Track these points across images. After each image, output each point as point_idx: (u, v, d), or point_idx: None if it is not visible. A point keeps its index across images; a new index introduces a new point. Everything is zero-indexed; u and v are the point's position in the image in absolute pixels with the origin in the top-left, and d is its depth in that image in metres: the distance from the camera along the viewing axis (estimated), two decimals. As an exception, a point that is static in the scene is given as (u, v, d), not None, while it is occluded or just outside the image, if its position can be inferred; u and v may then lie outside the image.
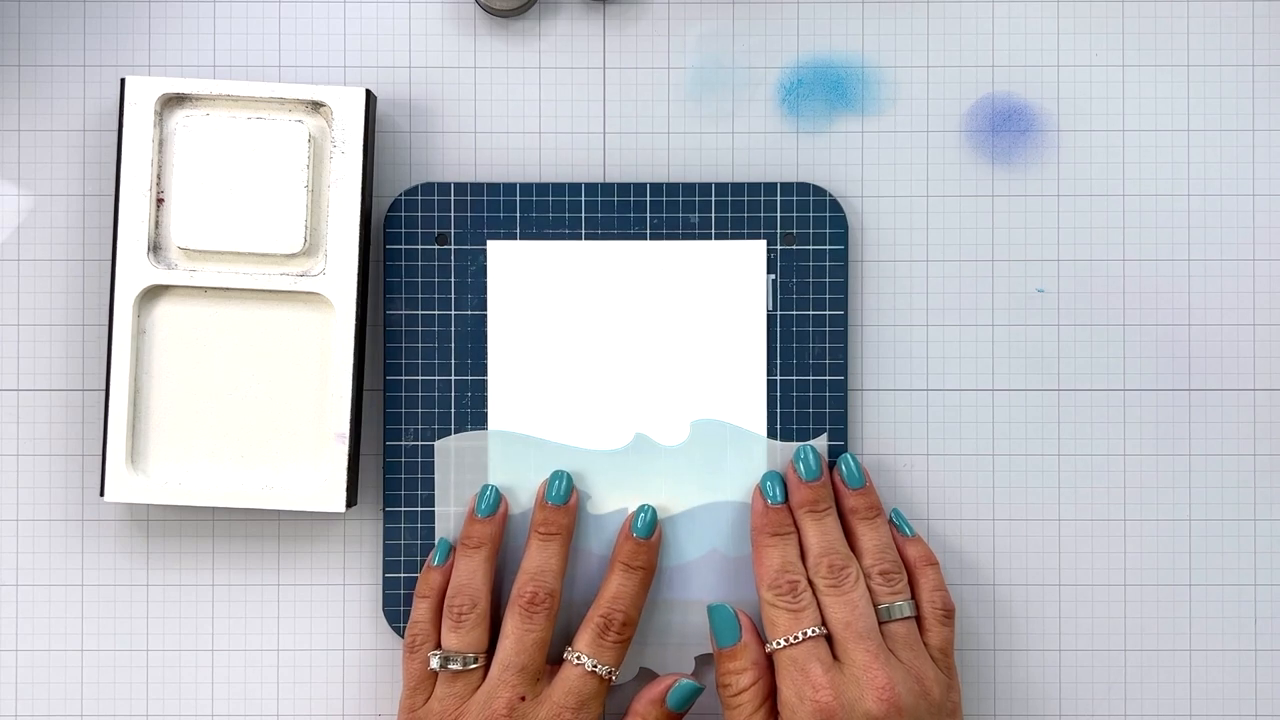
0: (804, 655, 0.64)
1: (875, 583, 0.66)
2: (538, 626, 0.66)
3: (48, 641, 0.70)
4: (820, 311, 0.69)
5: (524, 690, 0.65)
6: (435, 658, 0.66)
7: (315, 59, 0.70)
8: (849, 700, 0.63)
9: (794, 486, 0.68)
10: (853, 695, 0.64)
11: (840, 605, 0.65)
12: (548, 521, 0.67)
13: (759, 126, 0.70)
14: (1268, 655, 0.70)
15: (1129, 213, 0.71)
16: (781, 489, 0.68)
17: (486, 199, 0.69)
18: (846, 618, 0.65)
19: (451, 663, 0.66)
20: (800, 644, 0.65)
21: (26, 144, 0.70)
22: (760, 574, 0.67)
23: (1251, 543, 0.70)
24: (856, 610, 0.65)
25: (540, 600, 0.66)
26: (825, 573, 0.66)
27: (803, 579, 0.66)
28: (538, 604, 0.66)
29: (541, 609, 0.66)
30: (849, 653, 0.64)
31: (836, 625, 0.65)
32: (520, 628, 0.66)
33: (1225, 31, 0.70)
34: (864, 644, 0.64)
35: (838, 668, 0.64)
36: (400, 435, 0.69)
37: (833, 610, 0.65)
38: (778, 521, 0.67)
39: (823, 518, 0.67)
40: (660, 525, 0.68)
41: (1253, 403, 0.71)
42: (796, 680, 0.64)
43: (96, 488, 0.70)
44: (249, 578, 0.70)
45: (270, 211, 0.67)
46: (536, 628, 0.66)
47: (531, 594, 0.66)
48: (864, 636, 0.65)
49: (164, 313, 0.68)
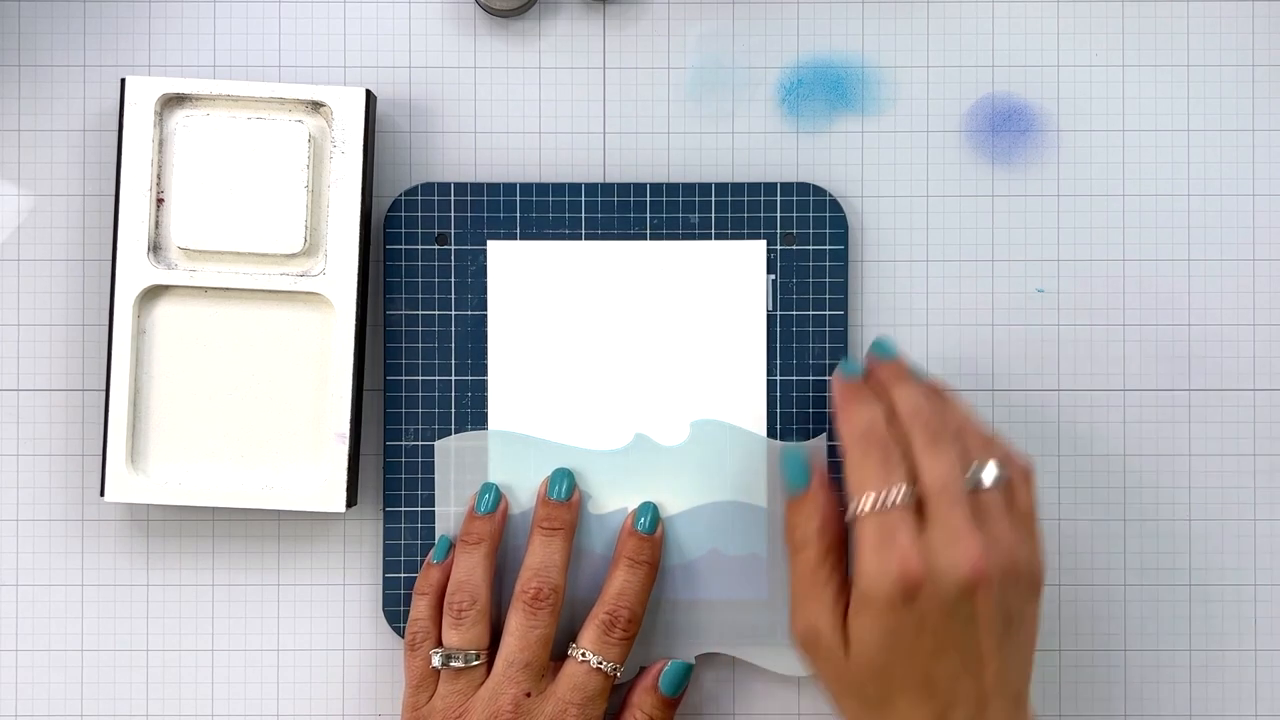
0: (891, 520, 0.59)
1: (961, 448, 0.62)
2: (542, 623, 0.66)
3: (48, 641, 0.70)
4: (820, 311, 0.69)
5: (529, 687, 0.65)
6: (437, 656, 0.66)
7: (315, 59, 0.70)
8: (938, 570, 0.58)
9: (875, 366, 0.65)
10: (942, 564, 0.58)
11: (936, 463, 0.60)
12: (550, 517, 0.67)
13: (759, 126, 0.70)
14: (1268, 655, 0.70)
15: (1129, 213, 0.71)
16: (859, 368, 0.65)
17: (486, 199, 0.69)
18: (943, 478, 0.60)
19: (453, 660, 0.66)
20: (887, 509, 0.59)
21: (26, 144, 0.70)
22: (846, 432, 0.62)
23: (1251, 543, 0.70)
24: (953, 471, 0.60)
25: (545, 596, 0.66)
26: (920, 429, 0.61)
27: (892, 438, 0.61)
28: (542, 599, 0.66)
29: (546, 605, 0.66)
30: (941, 517, 0.59)
31: (931, 486, 0.60)
32: (524, 624, 0.66)
33: (1225, 31, 0.70)
34: (958, 509, 0.59)
35: (925, 536, 0.59)
36: (400, 435, 0.69)
37: (928, 469, 0.60)
38: (860, 389, 0.63)
39: (910, 383, 0.63)
40: (663, 522, 0.68)
41: (1253, 403, 0.71)
42: (878, 547, 0.59)
43: (96, 488, 0.70)
44: (249, 578, 0.70)
45: (270, 211, 0.67)
46: (541, 624, 0.66)
47: (536, 589, 0.66)
48: (958, 501, 0.59)
49: (164, 313, 0.68)
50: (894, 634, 0.59)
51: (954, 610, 0.59)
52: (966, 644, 0.59)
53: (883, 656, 0.60)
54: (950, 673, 0.59)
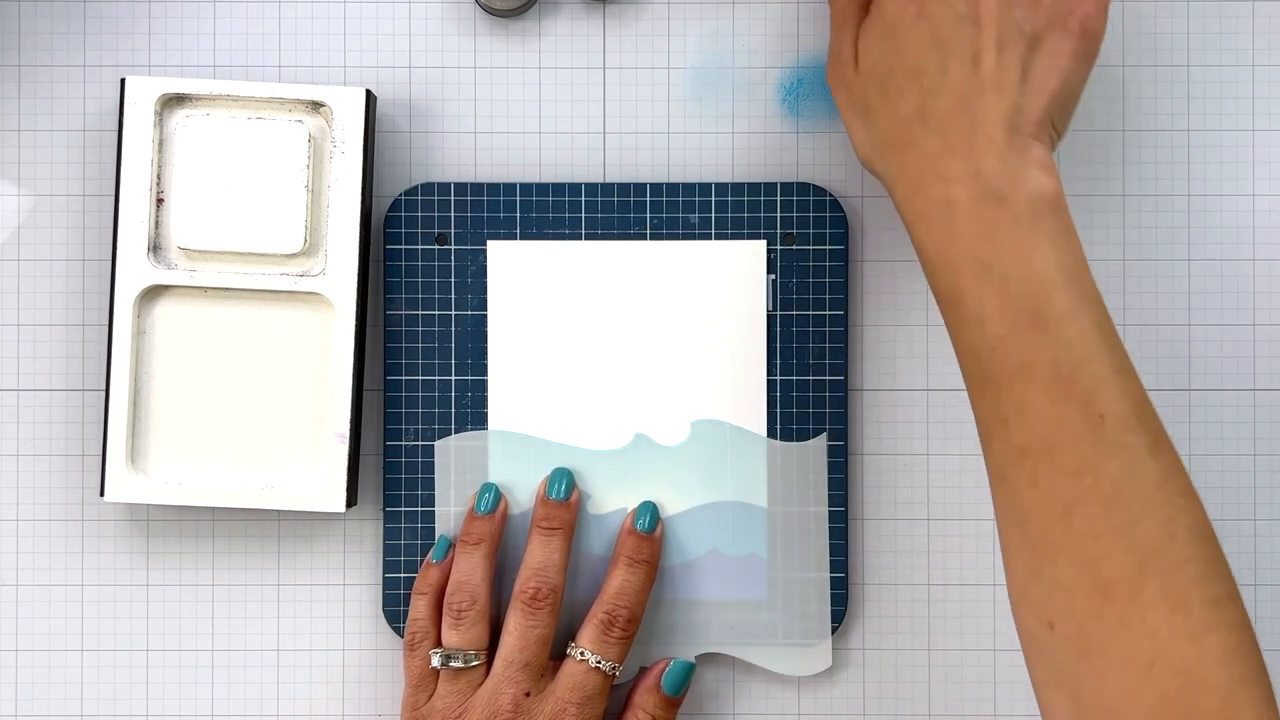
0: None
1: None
2: (541, 622, 0.66)
3: (48, 641, 0.70)
4: (820, 311, 0.69)
5: (528, 686, 0.65)
6: (436, 656, 0.66)
7: (315, 59, 0.70)
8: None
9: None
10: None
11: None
12: (549, 517, 0.67)
13: (759, 126, 0.70)
14: (1267, 655, 0.70)
15: (1129, 213, 0.71)
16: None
17: (486, 199, 0.69)
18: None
19: (453, 660, 0.66)
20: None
21: (26, 144, 0.70)
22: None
23: (1252, 543, 0.70)
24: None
25: (544, 595, 0.66)
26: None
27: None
28: (541, 599, 0.66)
29: (545, 604, 0.66)
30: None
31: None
32: (524, 623, 0.66)
33: (1225, 31, 0.70)
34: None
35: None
36: (400, 435, 0.69)
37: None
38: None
39: None
40: (662, 522, 0.68)
41: (1253, 403, 0.70)
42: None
43: (96, 488, 0.70)
44: (249, 578, 0.70)
45: (270, 211, 0.67)
46: (540, 623, 0.66)
47: (535, 589, 0.66)
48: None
49: (164, 313, 0.68)
50: (894, 26, 0.61)
51: (948, 1, 0.59)
52: (962, 37, 0.59)
53: (884, 58, 0.61)
54: (939, 62, 0.59)
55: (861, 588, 0.70)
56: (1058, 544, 0.55)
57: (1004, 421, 0.57)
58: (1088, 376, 0.56)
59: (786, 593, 0.69)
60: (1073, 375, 0.56)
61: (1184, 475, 0.56)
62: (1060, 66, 0.60)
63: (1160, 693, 0.53)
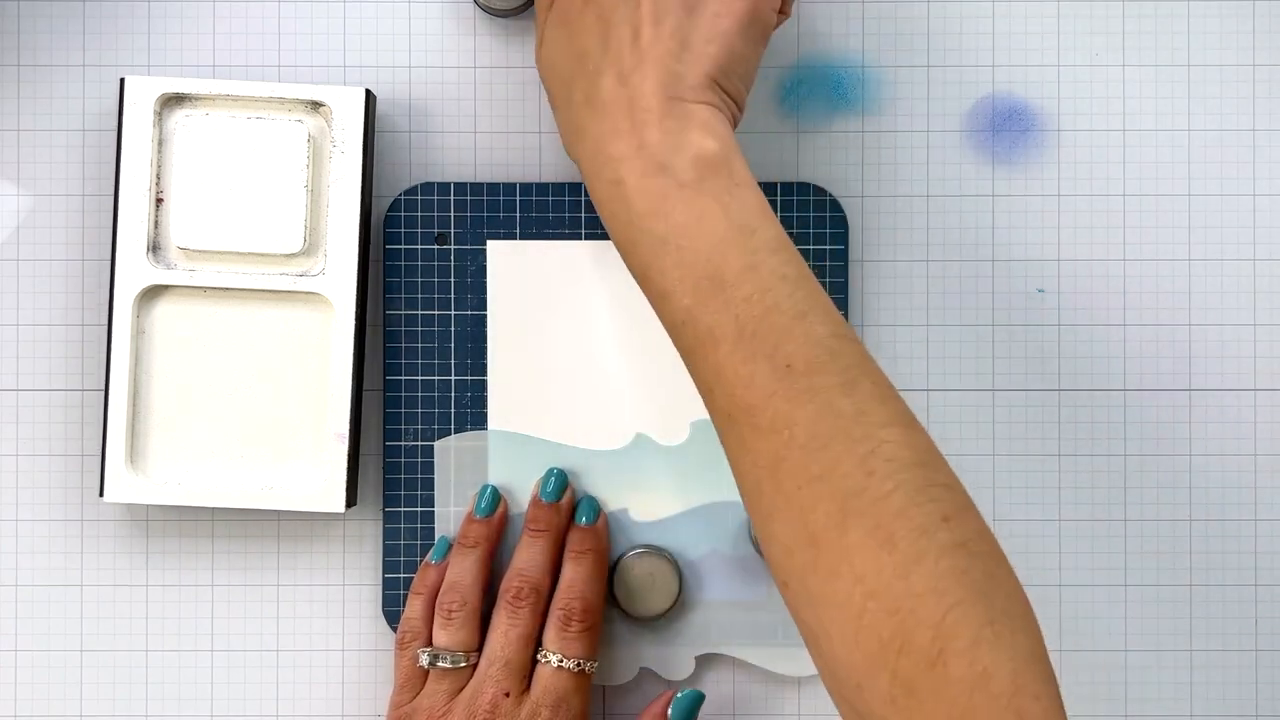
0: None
1: None
2: (522, 621, 0.66)
3: (48, 641, 0.70)
4: (820, 311, 0.69)
5: (508, 686, 0.65)
6: (425, 655, 0.66)
7: (315, 59, 0.70)
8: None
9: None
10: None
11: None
12: (537, 519, 0.67)
13: (759, 126, 0.70)
14: (1268, 655, 0.70)
15: (1129, 213, 0.71)
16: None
17: (486, 199, 0.69)
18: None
19: (441, 660, 0.66)
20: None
21: (26, 144, 0.70)
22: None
23: (1252, 543, 0.70)
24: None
25: (525, 595, 0.66)
26: None
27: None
28: (522, 598, 0.66)
29: (526, 603, 0.66)
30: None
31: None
32: (505, 622, 0.66)
33: (1225, 31, 0.70)
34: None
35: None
36: (400, 435, 0.69)
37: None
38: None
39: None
40: (604, 514, 0.68)
41: (1253, 403, 0.70)
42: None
43: (96, 488, 0.70)
44: (249, 578, 0.70)
45: (270, 211, 0.67)
46: (521, 622, 0.66)
47: (517, 589, 0.66)
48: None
49: (164, 313, 0.68)
50: (565, 14, 0.61)
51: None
52: (622, 15, 0.59)
53: (558, 47, 0.61)
54: (602, 44, 0.59)
55: (861, 588, 0.70)
56: (772, 503, 0.54)
57: (709, 391, 0.56)
58: (770, 329, 0.55)
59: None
60: (755, 330, 0.55)
61: (888, 405, 0.55)
62: (721, 29, 0.59)
63: (876, 637, 0.51)
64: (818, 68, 0.71)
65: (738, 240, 0.56)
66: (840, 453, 0.53)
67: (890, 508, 0.52)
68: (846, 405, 0.54)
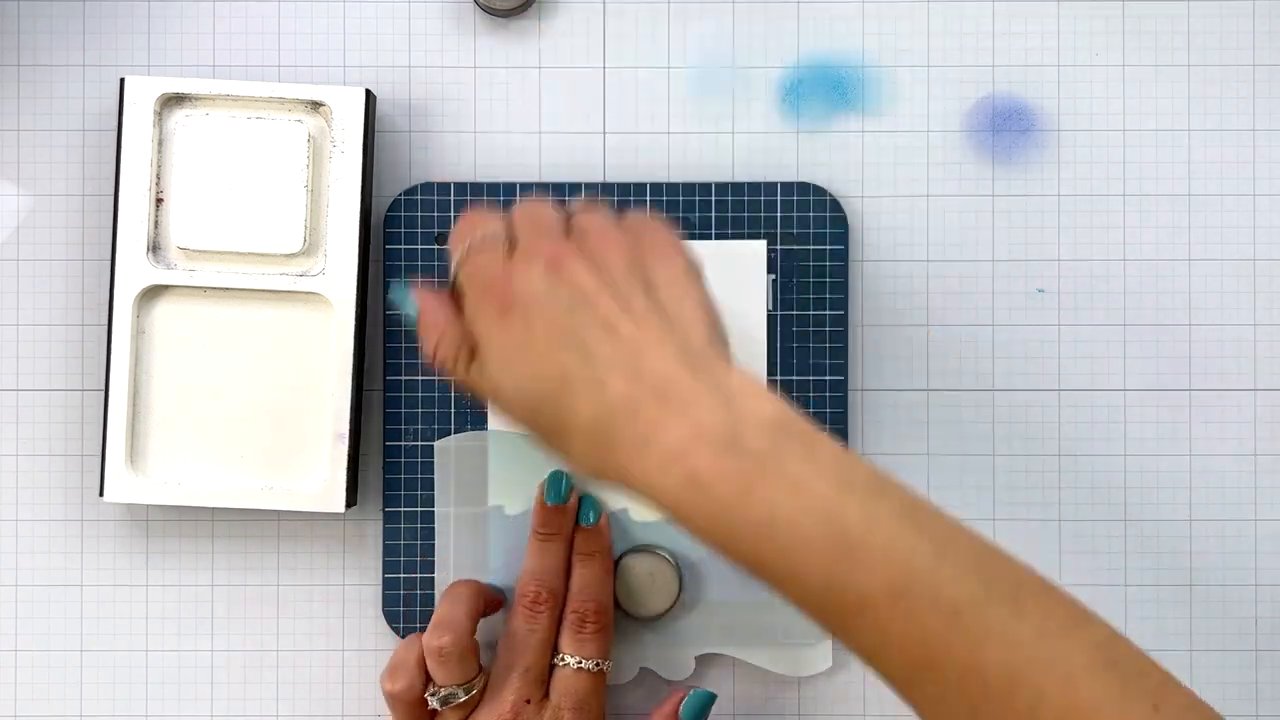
0: (475, 254, 0.58)
1: None
2: (541, 626, 0.66)
3: (48, 641, 0.70)
4: (820, 311, 0.69)
5: (528, 693, 0.65)
6: (435, 699, 0.65)
7: (315, 59, 0.70)
8: (517, 272, 0.56)
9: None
10: (519, 266, 0.57)
11: (522, 206, 0.59)
12: (547, 522, 0.67)
13: (759, 126, 0.70)
14: (1268, 655, 0.70)
15: (1129, 213, 0.71)
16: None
17: (486, 199, 0.69)
18: (526, 213, 0.59)
19: (454, 699, 0.65)
20: (476, 246, 0.58)
21: (26, 144, 0.70)
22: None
23: (1252, 543, 0.70)
24: (537, 207, 0.59)
25: (544, 600, 0.66)
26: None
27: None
28: (541, 603, 0.66)
29: (545, 608, 0.66)
30: (523, 234, 0.58)
31: (517, 220, 0.59)
32: (524, 628, 0.66)
33: (1225, 31, 0.70)
34: (540, 224, 0.58)
35: (510, 256, 0.57)
36: (400, 435, 0.69)
37: (516, 209, 0.59)
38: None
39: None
40: (606, 514, 0.68)
41: (1253, 403, 0.70)
42: (468, 282, 0.58)
43: (96, 488, 0.70)
44: (249, 578, 0.70)
45: (270, 211, 0.67)
46: (540, 627, 0.66)
47: (535, 593, 0.66)
48: (540, 220, 0.58)
49: (163, 313, 0.68)
50: (512, 352, 0.56)
51: (549, 297, 0.55)
52: (584, 321, 0.55)
53: (523, 387, 0.55)
54: (580, 353, 0.55)
55: (861, 588, 0.70)
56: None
57: (874, 654, 0.52)
58: (919, 575, 0.51)
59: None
60: (907, 584, 0.51)
61: (1060, 614, 0.52)
62: (680, 290, 0.56)
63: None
64: (818, 68, 0.71)
65: (842, 499, 0.52)
66: (1041, 686, 0.50)
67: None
68: (1025, 629, 0.51)
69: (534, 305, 0.56)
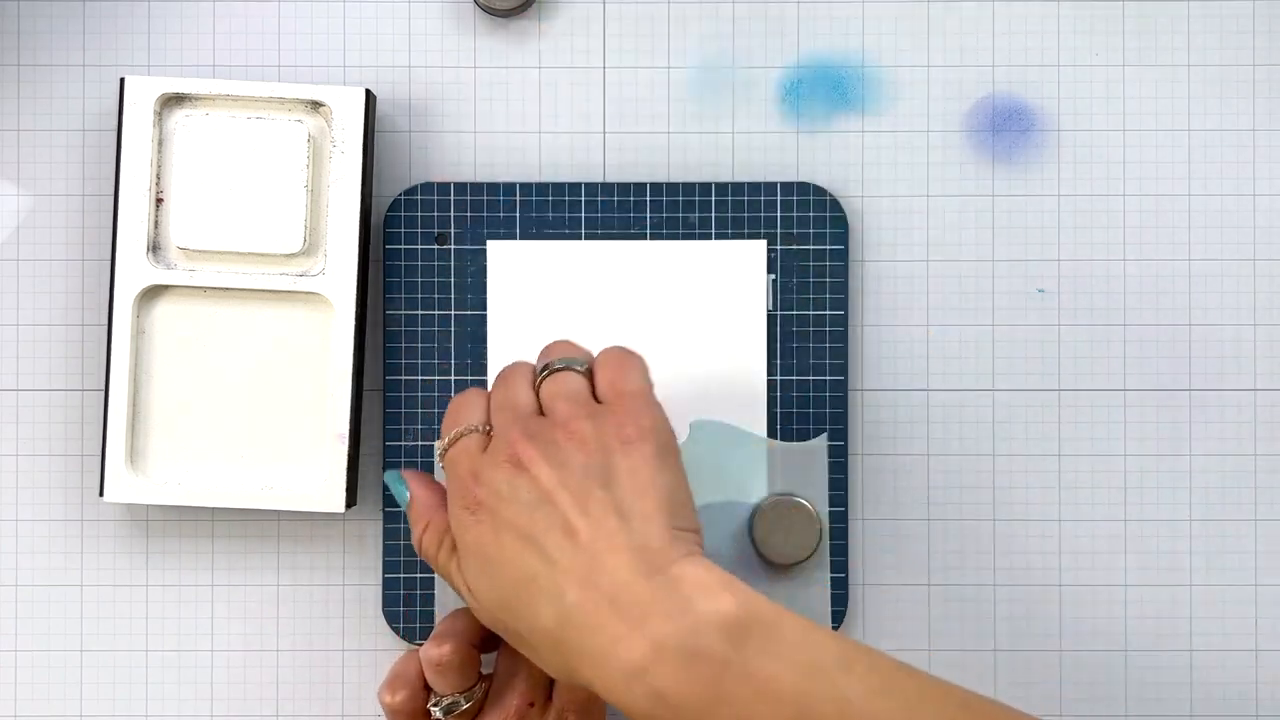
0: (456, 451, 0.60)
1: None
2: None
3: (48, 641, 0.70)
4: (820, 311, 0.69)
5: (532, 696, 0.65)
6: (438, 709, 0.65)
7: (315, 59, 0.70)
8: (483, 473, 0.58)
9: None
10: (486, 465, 0.58)
11: (499, 389, 0.61)
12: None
13: (759, 126, 0.70)
14: (1268, 655, 0.70)
15: (1129, 213, 0.71)
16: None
17: (486, 199, 0.69)
18: (502, 397, 0.61)
19: (457, 706, 0.65)
20: (456, 442, 0.60)
21: (26, 144, 0.70)
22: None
23: (1252, 543, 0.70)
24: (516, 388, 0.61)
25: None
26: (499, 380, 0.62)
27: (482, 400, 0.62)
28: None
29: None
30: (498, 429, 0.59)
31: (492, 407, 0.61)
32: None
33: (1225, 31, 0.70)
34: (511, 415, 0.59)
35: (484, 452, 0.59)
36: (400, 435, 0.69)
37: (493, 394, 0.61)
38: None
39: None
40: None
41: (1253, 403, 0.70)
42: (450, 480, 0.60)
43: (96, 488, 0.70)
44: (249, 578, 0.70)
45: (270, 211, 0.67)
46: None
47: None
48: (511, 410, 0.60)
49: (163, 313, 0.68)
50: (481, 550, 0.57)
51: (512, 496, 0.56)
52: (544, 521, 0.56)
53: (493, 586, 0.57)
54: (541, 558, 0.55)
55: (861, 588, 0.70)
56: None
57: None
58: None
59: (786, 593, 0.69)
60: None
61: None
62: (644, 479, 0.56)
63: None
64: (818, 68, 0.71)
65: (811, 686, 0.52)
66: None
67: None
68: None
69: (500, 505, 0.57)
